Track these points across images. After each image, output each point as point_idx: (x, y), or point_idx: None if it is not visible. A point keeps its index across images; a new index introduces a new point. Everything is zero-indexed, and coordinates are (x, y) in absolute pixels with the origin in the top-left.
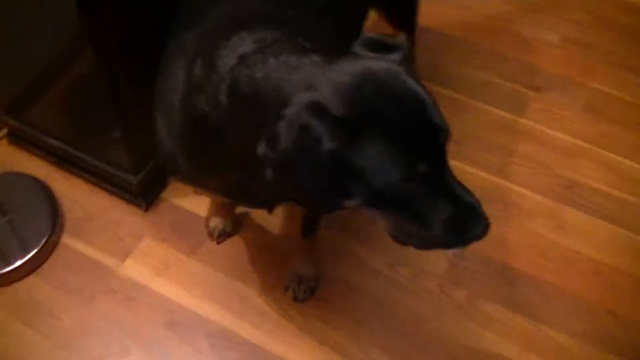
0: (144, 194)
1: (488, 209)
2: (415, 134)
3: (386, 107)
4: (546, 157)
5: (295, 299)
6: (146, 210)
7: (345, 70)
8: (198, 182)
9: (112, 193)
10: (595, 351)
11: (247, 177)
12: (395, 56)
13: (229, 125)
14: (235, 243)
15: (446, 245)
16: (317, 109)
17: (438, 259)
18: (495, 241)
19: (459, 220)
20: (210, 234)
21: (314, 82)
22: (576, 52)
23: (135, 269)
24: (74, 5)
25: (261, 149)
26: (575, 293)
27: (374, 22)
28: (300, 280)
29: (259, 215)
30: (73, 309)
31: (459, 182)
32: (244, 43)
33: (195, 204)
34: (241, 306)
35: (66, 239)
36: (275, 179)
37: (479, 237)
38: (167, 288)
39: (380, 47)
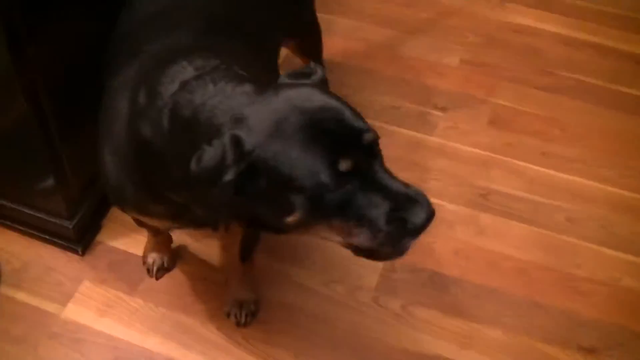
0: (80, 238)
1: None
2: (334, 137)
3: (301, 121)
4: (460, 169)
5: (238, 323)
6: (83, 254)
7: (269, 99)
8: (145, 210)
9: (47, 241)
10: (527, 342)
11: (190, 199)
12: (312, 79)
13: (172, 148)
14: (174, 277)
15: (395, 241)
16: (236, 141)
17: (369, 274)
18: (421, 251)
19: (398, 211)
20: (149, 271)
21: (242, 111)
22: (475, 71)
23: (77, 312)
24: (5, 50)
25: (192, 164)
26: (501, 290)
27: (286, 56)
28: (240, 305)
29: (195, 247)
30: (18, 358)
31: (394, 177)
32: (185, 70)
33: (131, 244)
34: (186, 337)
35: (5, 290)
36: (198, 193)
37: (423, 224)
38: (112, 327)
39: (300, 75)
